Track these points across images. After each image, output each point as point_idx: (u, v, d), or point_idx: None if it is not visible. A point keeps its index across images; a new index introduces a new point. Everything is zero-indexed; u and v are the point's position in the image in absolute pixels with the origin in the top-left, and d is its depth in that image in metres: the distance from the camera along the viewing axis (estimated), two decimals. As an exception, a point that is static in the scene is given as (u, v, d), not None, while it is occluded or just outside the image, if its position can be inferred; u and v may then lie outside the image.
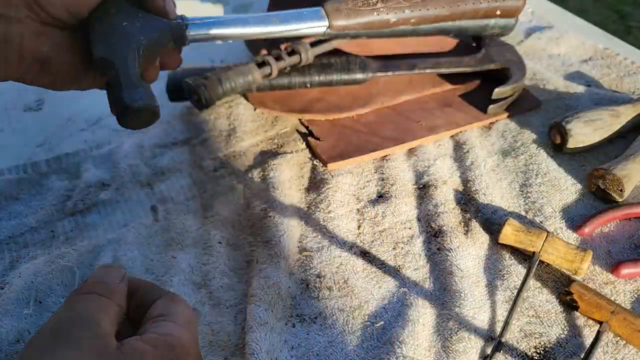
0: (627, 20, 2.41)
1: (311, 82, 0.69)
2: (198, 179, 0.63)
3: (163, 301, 0.33)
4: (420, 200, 0.60)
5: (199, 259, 0.55)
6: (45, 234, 0.58)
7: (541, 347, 0.47)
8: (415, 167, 0.63)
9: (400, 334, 0.47)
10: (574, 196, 0.60)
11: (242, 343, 0.47)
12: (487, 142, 0.66)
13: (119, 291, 0.32)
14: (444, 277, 0.52)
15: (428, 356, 0.47)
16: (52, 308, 0.51)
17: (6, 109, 0.75)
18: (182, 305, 0.33)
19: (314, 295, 0.52)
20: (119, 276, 0.33)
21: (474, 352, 0.47)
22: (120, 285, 0.33)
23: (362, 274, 0.53)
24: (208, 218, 0.59)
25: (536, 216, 0.58)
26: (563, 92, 0.72)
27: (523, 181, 0.61)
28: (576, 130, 0.62)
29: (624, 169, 0.57)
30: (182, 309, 0.33)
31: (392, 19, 0.62)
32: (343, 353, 0.47)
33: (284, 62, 0.65)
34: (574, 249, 0.51)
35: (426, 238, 0.56)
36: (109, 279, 0.33)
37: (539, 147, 0.65)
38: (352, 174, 0.63)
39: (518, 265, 0.53)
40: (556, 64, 0.78)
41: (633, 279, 0.52)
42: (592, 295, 0.49)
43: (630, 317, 0.47)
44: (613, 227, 0.57)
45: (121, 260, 0.54)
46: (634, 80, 0.73)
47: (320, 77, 0.69)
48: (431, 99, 0.71)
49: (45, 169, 0.65)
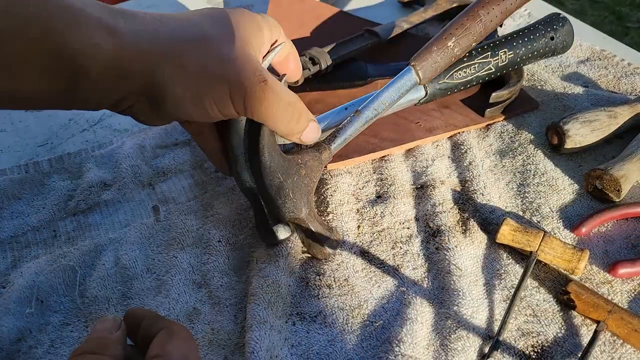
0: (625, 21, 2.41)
1: (310, 87, 0.70)
2: (199, 180, 0.64)
3: (160, 337, 0.35)
4: (419, 200, 0.60)
5: (199, 258, 0.55)
6: (47, 233, 0.58)
7: (538, 346, 0.48)
8: (414, 167, 0.64)
9: (399, 333, 0.48)
10: (571, 196, 0.60)
11: (242, 342, 0.48)
12: (485, 143, 0.67)
13: (113, 341, 0.34)
14: (442, 277, 0.53)
15: (426, 355, 0.47)
16: (54, 307, 0.51)
17: (7, 109, 0.76)
18: (179, 340, 0.35)
19: (314, 293, 0.52)
20: (114, 327, 0.35)
21: (472, 350, 0.47)
22: (115, 334, 0.35)
23: (362, 273, 0.54)
24: (209, 218, 0.59)
25: (533, 216, 0.58)
26: (560, 93, 0.73)
27: (521, 181, 0.62)
28: (573, 130, 0.62)
29: (621, 169, 0.58)
30: (179, 344, 0.34)
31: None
32: (343, 352, 0.48)
33: (308, 70, 0.68)
34: (571, 249, 0.52)
35: (424, 238, 0.57)
36: (103, 332, 0.35)
37: (537, 147, 0.65)
38: (351, 174, 0.63)
39: (515, 264, 0.54)
40: (554, 65, 0.78)
41: (630, 279, 0.52)
42: (589, 294, 0.49)
43: (628, 316, 0.47)
44: (610, 227, 0.57)
45: (122, 260, 0.55)
46: (631, 81, 0.74)
47: (320, 83, 0.70)
48: (430, 100, 0.72)
49: (47, 168, 0.65)
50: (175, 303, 0.51)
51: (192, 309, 0.51)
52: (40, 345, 0.48)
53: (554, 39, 0.66)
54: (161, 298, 0.52)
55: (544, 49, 0.66)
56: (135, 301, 0.52)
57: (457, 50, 0.59)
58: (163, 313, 0.51)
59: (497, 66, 0.64)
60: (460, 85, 0.64)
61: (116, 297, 0.52)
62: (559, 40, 0.67)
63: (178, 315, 0.50)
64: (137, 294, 0.52)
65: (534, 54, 0.66)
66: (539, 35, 0.66)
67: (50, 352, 0.48)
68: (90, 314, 0.51)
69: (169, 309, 0.51)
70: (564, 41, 0.67)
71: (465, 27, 0.58)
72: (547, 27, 0.66)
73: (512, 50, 0.65)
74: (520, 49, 0.65)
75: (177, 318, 0.50)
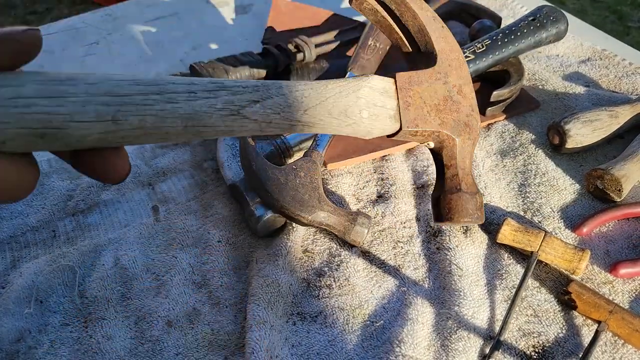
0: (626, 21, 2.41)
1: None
2: (199, 180, 0.63)
3: None
4: (420, 200, 0.60)
5: (199, 258, 0.55)
6: (47, 233, 0.58)
7: (539, 346, 0.48)
8: (414, 167, 0.64)
9: (399, 333, 0.48)
10: (572, 196, 0.60)
11: (242, 342, 0.48)
12: (486, 143, 0.67)
13: None
14: (443, 277, 0.53)
15: (427, 355, 0.47)
16: (53, 308, 0.51)
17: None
18: None
19: (315, 294, 0.52)
20: None
21: (473, 351, 0.47)
22: None
23: (363, 272, 0.54)
24: (208, 218, 0.59)
25: (535, 216, 0.58)
26: (562, 93, 0.72)
27: (522, 181, 0.62)
28: (575, 130, 0.62)
29: (622, 169, 0.57)
30: None
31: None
32: (343, 352, 0.47)
33: (289, 58, 0.69)
34: (572, 249, 0.52)
35: (425, 237, 0.56)
36: None
37: (538, 147, 0.65)
38: (352, 174, 0.63)
39: (516, 264, 0.54)
40: (555, 65, 0.78)
41: (631, 279, 0.52)
42: (590, 294, 0.49)
43: (629, 316, 0.47)
44: (611, 227, 0.57)
45: (122, 260, 0.54)
46: (632, 80, 0.74)
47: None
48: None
49: (46, 168, 0.65)
50: (175, 303, 0.51)
51: (192, 309, 0.51)
52: (39, 345, 0.48)
53: (535, 20, 0.69)
54: (161, 298, 0.52)
55: (527, 28, 0.68)
56: (135, 301, 0.52)
57: (380, 44, 0.68)
58: (163, 313, 0.50)
59: (475, 53, 0.66)
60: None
61: (116, 298, 0.52)
62: (542, 17, 0.69)
63: (178, 315, 0.50)
64: (136, 295, 0.52)
65: (517, 36, 0.68)
66: (522, 23, 0.69)
67: (50, 353, 0.48)
68: (90, 314, 0.51)
69: (169, 309, 0.51)
70: (549, 17, 0.70)
71: (374, 27, 0.67)
72: (529, 15, 0.70)
73: (490, 39, 0.68)
74: (498, 34, 0.68)
75: (177, 318, 0.50)
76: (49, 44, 0.85)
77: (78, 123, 0.28)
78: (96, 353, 0.47)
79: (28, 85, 0.27)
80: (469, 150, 0.40)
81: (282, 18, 0.86)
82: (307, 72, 0.70)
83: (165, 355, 0.47)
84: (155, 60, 0.83)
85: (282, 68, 0.68)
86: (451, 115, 0.39)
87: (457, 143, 0.40)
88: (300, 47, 0.70)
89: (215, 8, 0.94)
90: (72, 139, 0.28)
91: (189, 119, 0.31)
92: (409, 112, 0.38)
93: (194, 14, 0.93)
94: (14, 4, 2.65)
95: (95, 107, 0.28)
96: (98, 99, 0.28)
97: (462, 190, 0.39)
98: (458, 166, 0.40)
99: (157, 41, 0.87)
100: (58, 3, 2.65)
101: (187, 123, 0.31)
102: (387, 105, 0.37)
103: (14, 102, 0.26)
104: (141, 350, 0.47)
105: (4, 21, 2.50)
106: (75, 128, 0.28)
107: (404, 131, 0.38)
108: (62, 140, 0.28)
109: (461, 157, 0.40)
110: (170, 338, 0.49)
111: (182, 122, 0.30)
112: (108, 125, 0.28)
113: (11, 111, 0.26)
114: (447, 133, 0.39)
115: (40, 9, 2.62)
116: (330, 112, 0.35)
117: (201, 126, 0.31)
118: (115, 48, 0.85)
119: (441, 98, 0.39)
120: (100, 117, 0.28)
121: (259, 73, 0.67)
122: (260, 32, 0.87)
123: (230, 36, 0.87)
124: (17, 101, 0.26)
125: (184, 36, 0.87)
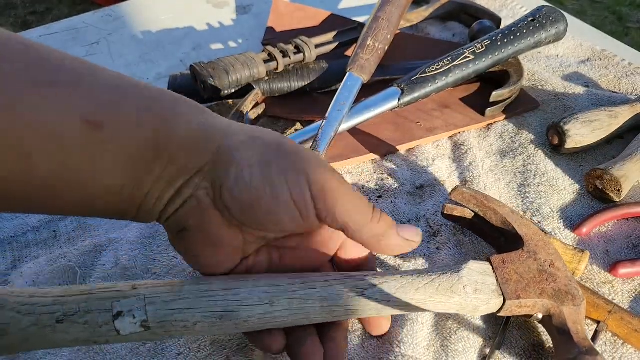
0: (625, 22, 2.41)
1: (310, 87, 0.70)
2: (199, 180, 0.64)
3: None
4: (420, 200, 0.60)
5: (199, 258, 0.55)
6: (47, 233, 0.58)
7: (540, 346, 0.48)
8: (414, 167, 0.64)
9: (399, 333, 0.48)
10: (571, 196, 0.60)
11: (244, 342, 0.48)
12: (486, 143, 0.67)
13: None
14: (443, 277, 0.53)
15: (427, 355, 0.47)
16: (54, 307, 0.51)
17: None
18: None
19: (314, 294, 0.52)
20: None
21: (473, 351, 0.47)
22: None
23: (362, 273, 0.54)
24: (209, 218, 0.59)
25: (534, 216, 0.58)
26: (561, 93, 0.73)
27: (521, 181, 0.62)
28: (574, 131, 0.62)
29: (621, 169, 0.58)
30: None
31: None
32: (343, 352, 0.48)
33: (289, 59, 0.69)
34: (572, 250, 0.52)
35: (425, 237, 0.57)
36: None
37: (537, 147, 0.65)
38: (352, 174, 0.63)
39: (516, 264, 0.54)
40: (554, 65, 0.78)
41: (631, 279, 0.52)
42: (589, 294, 0.49)
43: (628, 316, 0.47)
44: (611, 227, 0.57)
45: (122, 260, 0.55)
46: (632, 81, 0.74)
47: (319, 83, 0.70)
48: (430, 100, 0.72)
49: (46, 169, 0.65)
50: (175, 303, 0.51)
51: (192, 309, 0.51)
52: (40, 345, 0.48)
53: (534, 20, 0.69)
54: (161, 298, 0.52)
55: (527, 29, 0.68)
56: (136, 301, 0.52)
57: (378, 44, 0.67)
58: (163, 313, 0.51)
59: (475, 53, 0.66)
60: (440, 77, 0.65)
61: (116, 298, 0.52)
62: (542, 17, 0.69)
63: (178, 315, 0.50)
64: (137, 295, 0.52)
65: (517, 36, 0.68)
66: (522, 23, 0.69)
67: (50, 353, 0.48)
68: (91, 314, 0.51)
69: (169, 309, 0.51)
70: (549, 17, 0.70)
71: (373, 27, 0.69)
72: (528, 16, 0.70)
73: (490, 39, 0.68)
74: (498, 35, 0.68)
75: (177, 318, 0.50)
76: (49, 44, 0.84)
77: (246, 307, 0.39)
78: (97, 353, 0.47)
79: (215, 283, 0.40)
80: (578, 317, 0.43)
81: (282, 19, 0.86)
82: (307, 73, 0.70)
83: (166, 355, 0.47)
84: (155, 60, 0.83)
85: (282, 69, 0.68)
86: (550, 285, 0.43)
87: (564, 310, 0.42)
88: (300, 48, 0.70)
89: (215, 8, 0.94)
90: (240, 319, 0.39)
91: (324, 300, 0.40)
92: (509, 286, 0.43)
93: (194, 14, 0.93)
94: (14, 5, 2.65)
95: (259, 295, 0.39)
96: (261, 289, 0.39)
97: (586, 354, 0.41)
98: (571, 331, 0.42)
99: (157, 41, 0.87)
100: (58, 3, 2.65)
101: (322, 303, 0.40)
102: (487, 281, 0.43)
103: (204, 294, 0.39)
104: (142, 350, 0.48)
105: (4, 22, 2.50)
106: (244, 310, 0.39)
107: (508, 303, 0.42)
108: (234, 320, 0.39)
109: (572, 322, 0.42)
110: (172, 338, 0.49)
111: (319, 302, 0.40)
112: (266, 307, 0.39)
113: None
114: (551, 302, 0.43)
115: (40, 9, 2.62)
116: (437, 290, 0.41)
117: (334, 306, 0.40)
118: (115, 48, 0.85)
119: (536, 272, 0.44)
120: (262, 300, 0.39)
121: (259, 73, 0.66)
122: (260, 32, 0.87)
123: (230, 36, 0.88)
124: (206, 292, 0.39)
125: (184, 36, 0.88)
